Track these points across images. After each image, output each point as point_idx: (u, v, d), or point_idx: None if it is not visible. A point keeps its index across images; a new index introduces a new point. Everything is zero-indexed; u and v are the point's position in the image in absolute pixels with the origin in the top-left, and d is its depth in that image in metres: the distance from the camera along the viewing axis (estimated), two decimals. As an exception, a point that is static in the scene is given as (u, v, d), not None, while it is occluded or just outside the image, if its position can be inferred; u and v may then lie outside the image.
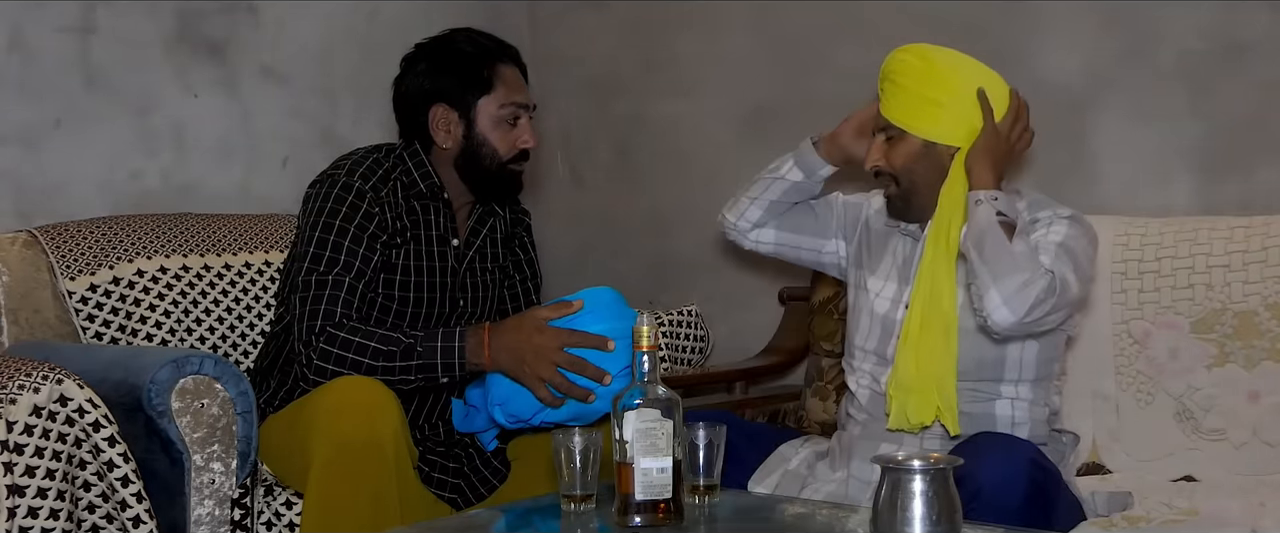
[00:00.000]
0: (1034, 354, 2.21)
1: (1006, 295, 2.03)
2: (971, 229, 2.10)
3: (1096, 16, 2.86)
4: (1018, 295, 2.02)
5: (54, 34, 2.83)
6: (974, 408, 2.20)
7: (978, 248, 2.07)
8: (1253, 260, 2.47)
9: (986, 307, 2.05)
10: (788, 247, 2.47)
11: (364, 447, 2.13)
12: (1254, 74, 2.70)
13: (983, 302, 2.06)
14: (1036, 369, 2.22)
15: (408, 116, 2.46)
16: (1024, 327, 2.06)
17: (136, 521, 2.10)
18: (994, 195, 2.11)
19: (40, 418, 2.01)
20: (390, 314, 2.40)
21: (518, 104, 2.43)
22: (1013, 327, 2.05)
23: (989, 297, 2.04)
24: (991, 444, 2.04)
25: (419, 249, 2.43)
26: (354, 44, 3.33)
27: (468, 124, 2.41)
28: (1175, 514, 2.14)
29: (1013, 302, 2.03)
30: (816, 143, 2.37)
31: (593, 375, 2.17)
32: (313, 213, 2.36)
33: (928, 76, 2.21)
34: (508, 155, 2.43)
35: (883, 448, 2.21)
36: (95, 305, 2.57)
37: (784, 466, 2.32)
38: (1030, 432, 2.21)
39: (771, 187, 2.40)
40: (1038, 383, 2.23)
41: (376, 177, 2.38)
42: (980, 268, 2.06)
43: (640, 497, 1.83)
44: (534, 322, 2.22)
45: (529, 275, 2.63)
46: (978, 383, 2.20)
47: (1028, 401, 2.22)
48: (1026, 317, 2.03)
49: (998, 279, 2.04)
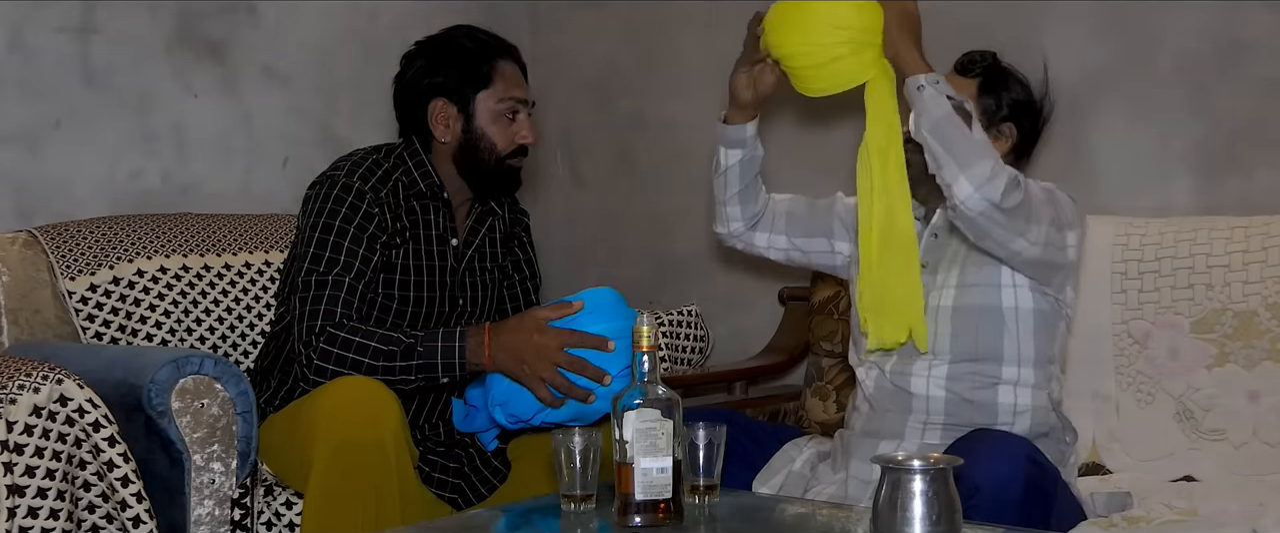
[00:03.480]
0: (1031, 329, 2.20)
1: (979, 181, 2.02)
2: (925, 118, 2.07)
3: (1096, 16, 2.85)
4: (990, 182, 2.02)
5: (54, 34, 2.83)
6: (976, 395, 2.20)
7: (939, 137, 2.06)
8: (1253, 260, 2.47)
9: (958, 194, 2.04)
10: (798, 252, 2.47)
11: (364, 447, 2.13)
12: (1254, 74, 2.70)
13: (953, 190, 2.04)
14: (1036, 349, 2.21)
15: (407, 112, 2.46)
16: (1000, 214, 2.04)
17: (136, 521, 2.10)
18: (934, 78, 2.09)
19: (40, 418, 2.01)
20: (390, 314, 2.40)
21: (516, 99, 2.44)
22: (988, 210, 2.03)
23: (959, 184, 2.03)
24: (989, 442, 2.04)
25: (419, 249, 2.43)
26: (354, 44, 3.33)
27: (467, 118, 2.42)
28: (1175, 515, 2.14)
29: (986, 187, 2.03)
30: (724, 118, 2.36)
31: (593, 376, 2.17)
32: (313, 214, 2.36)
33: (813, 47, 2.18)
34: (506, 150, 2.43)
35: (882, 447, 2.21)
36: (95, 305, 2.57)
37: (789, 466, 2.32)
38: (1032, 421, 2.20)
39: (726, 182, 2.39)
40: (1038, 367, 2.22)
41: (376, 177, 2.39)
42: (945, 157, 2.05)
43: (640, 497, 1.83)
44: (534, 322, 2.22)
45: (528, 275, 2.64)
46: (978, 364, 2.20)
47: (1030, 386, 2.21)
48: (1002, 202, 2.03)
49: (966, 166, 2.03)
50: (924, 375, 2.23)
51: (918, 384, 2.23)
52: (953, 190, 2.04)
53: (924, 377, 2.23)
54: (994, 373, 2.21)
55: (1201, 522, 2.11)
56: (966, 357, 2.20)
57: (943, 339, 2.22)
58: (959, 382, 2.21)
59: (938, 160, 2.06)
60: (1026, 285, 2.20)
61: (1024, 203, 2.07)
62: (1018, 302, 2.21)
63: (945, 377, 2.21)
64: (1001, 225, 2.07)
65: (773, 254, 2.49)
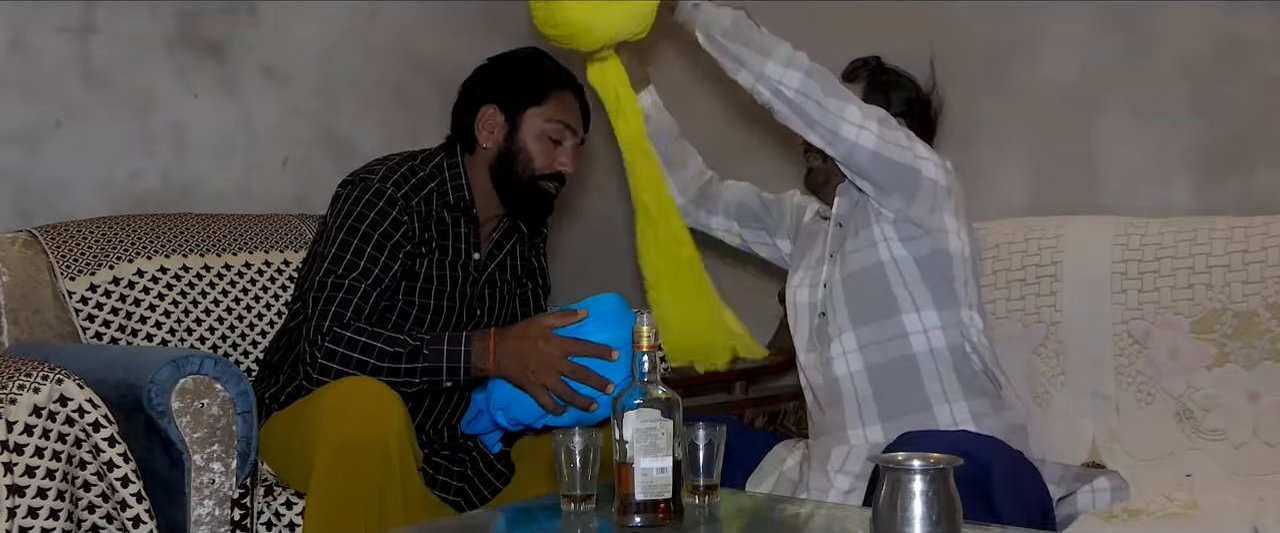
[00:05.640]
0: (917, 276, 2.24)
1: (784, 60, 2.15)
2: (714, 26, 2.20)
3: (1096, 16, 2.86)
4: (792, 61, 2.15)
5: (54, 34, 2.83)
6: (889, 354, 2.23)
7: (734, 39, 2.18)
8: (1253, 260, 2.47)
9: (769, 82, 2.15)
10: (745, 242, 2.60)
11: (367, 447, 2.13)
12: (1254, 74, 2.70)
13: (759, 84, 2.15)
14: (931, 294, 2.24)
15: (459, 117, 2.46)
16: (813, 84, 2.15)
17: (136, 521, 2.10)
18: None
19: (40, 418, 2.00)
20: (408, 320, 2.39)
21: (566, 124, 2.42)
22: (802, 86, 2.15)
23: (767, 73, 2.15)
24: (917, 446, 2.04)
25: (443, 259, 2.42)
26: (354, 44, 3.34)
27: (511, 128, 2.41)
28: (1176, 507, 2.14)
29: (793, 63, 2.15)
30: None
31: (596, 384, 2.18)
32: (341, 214, 2.35)
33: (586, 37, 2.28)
34: (542, 171, 2.41)
35: (834, 450, 2.26)
36: (95, 305, 2.57)
37: (779, 468, 2.34)
38: (955, 362, 2.23)
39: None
40: (941, 309, 2.24)
41: (409, 185, 2.38)
42: (747, 53, 2.18)
43: (640, 497, 1.83)
44: (539, 329, 2.22)
45: (541, 283, 2.64)
46: (879, 323, 2.24)
47: (939, 328, 2.24)
48: (809, 77, 2.14)
49: (768, 53, 2.15)
50: (841, 355, 2.27)
51: (839, 366, 2.27)
52: (764, 82, 2.16)
53: (841, 356, 2.27)
54: (897, 327, 2.24)
55: (1201, 517, 2.12)
56: (866, 319, 2.24)
57: (841, 311, 2.28)
58: (871, 348, 2.24)
59: (741, 59, 2.17)
60: (896, 237, 2.25)
61: (838, 85, 2.18)
62: (893, 253, 2.25)
63: (857, 347, 2.26)
64: (814, 101, 2.17)
65: (727, 238, 2.60)
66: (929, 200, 2.23)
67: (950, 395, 2.22)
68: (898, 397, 2.23)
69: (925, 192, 2.23)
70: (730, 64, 2.19)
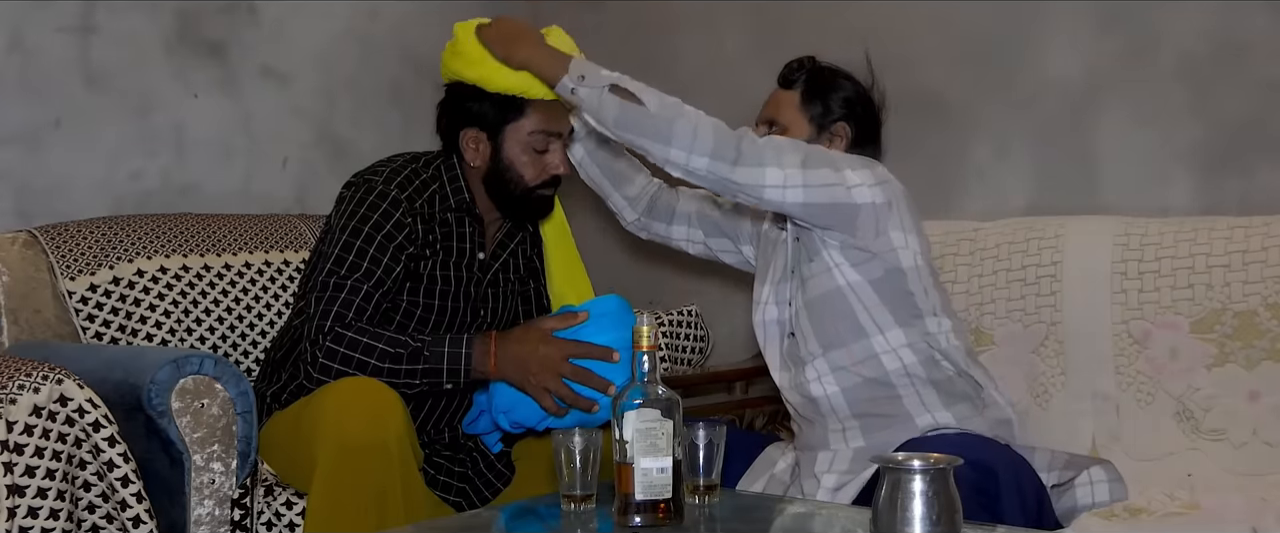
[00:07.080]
0: (875, 299, 2.22)
1: (686, 145, 2.11)
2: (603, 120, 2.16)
3: (1096, 16, 2.86)
4: (696, 141, 2.11)
5: (54, 34, 2.83)
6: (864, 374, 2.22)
7: (626, 130, 2.14)
8: (1253, 260, 2.47)
9: (677, 168, 2.13)
10: (708, 250, 2.60)
11: (368, 448, 2.13)
12: (1254, 74, 2.70)
13: (671, 167, 2.13)
14: (891, 313, 2.22)
15: (444, 134, 2.45)
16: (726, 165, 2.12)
17: (136, 521, 2.10)
18: (579, 71, 2.17)
19: (40, 418, 2.00)
20: (413, 320, 2.39)
21: (547, 132, 2.39)
22: (711, 166, 2.12)
23: (673, 160, 2.12)
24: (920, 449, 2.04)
25: (447, 260, 2.42)
26: (354, 44, 3.34)
27: (495, 148, 2.39)
28: (1177, 507, 2.14)
29: (696, 146, 2.11)
30: None
31: (597, 386, 2.18)
32: (345, 215, 2.35)
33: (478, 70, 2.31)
34: (535, 182, 2.40)
35: (819, 460, 2.26)
36: (95, 305, 2.57)
37: (770, 470, 2.34)
38: (928, 374, 2.22)
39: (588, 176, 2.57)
40: (904, 325, 2.23)
41: (413, 187, 2.37)
42: (645, 144, 2.14)
43: (640, 497, 1.83)
44: (540, 333, 2.22)
45: (543, 282, 2.63)
46: (848, 347, 2.23)
47: (907, 345, 2.22)
48: (716, 153, 2.11)
49: (668, 141, 2.11)
50: (816, 379, 2.26)
51: (816, 389, 2.27)
52: (671, 167, 2.13)
53: (816, 379, 2.26)
54: (865, 349, 2.23)
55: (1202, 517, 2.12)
56: (836, 343, 2.23)
57: (811, 337, 2.26)
58: (843, 371, 2.23)
59: (643, 149, 2.15)
60: (846, 263, 2.22)
61: (747, 148, 2.13)
62: (847, 279, 2.23)
63: (830, 369, 2.25)
64: (727, 179, 2.13)
65: (691, 248, 2.60)
66: (870, 225, 2.20)
67: (931, 406, 2.22)
68: (879, 414, 2.23)
69: (865, 219, 2.19)
70: (637, 151, 2.19)
